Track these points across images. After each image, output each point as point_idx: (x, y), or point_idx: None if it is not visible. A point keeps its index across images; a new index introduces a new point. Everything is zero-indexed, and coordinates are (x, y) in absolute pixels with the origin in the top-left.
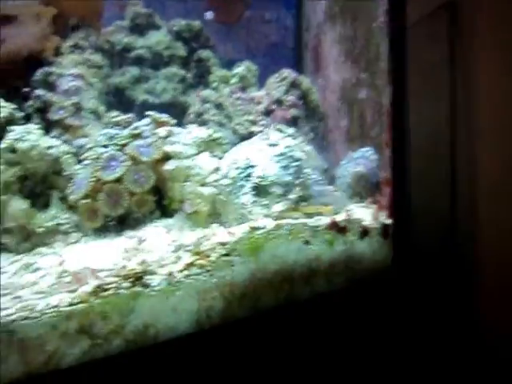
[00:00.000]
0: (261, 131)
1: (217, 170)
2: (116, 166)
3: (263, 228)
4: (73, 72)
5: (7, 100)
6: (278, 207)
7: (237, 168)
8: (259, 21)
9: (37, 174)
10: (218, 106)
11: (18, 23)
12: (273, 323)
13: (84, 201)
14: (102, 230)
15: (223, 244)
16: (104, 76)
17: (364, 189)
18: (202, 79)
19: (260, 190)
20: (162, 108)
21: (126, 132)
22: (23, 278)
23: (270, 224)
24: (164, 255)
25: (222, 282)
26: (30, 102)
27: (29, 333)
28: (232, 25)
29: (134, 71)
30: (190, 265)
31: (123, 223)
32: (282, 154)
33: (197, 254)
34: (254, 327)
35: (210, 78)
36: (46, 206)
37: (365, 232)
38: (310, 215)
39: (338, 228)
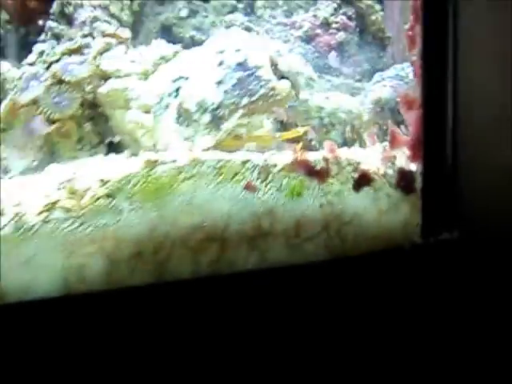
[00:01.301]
0: None
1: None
2: (36, 86)
3: (170, 162)
4: (93, 3)
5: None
6: (204, 142)
7: (165, 81)
8: None
9: None
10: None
11: None
12: (187, 297)
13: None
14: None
15: (104, 181)
16: (137, 9)
17: (386, 123)
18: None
19: (181, 116)
20: None
21: (61, 47)
22: None
23: (181, 157)
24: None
25: (101, 233)
26: (42, 36)
27: None
28: None
29: (181, 5)
30: (52, 206)
31: (52, 156)
32: (221, 63)
33: (73, 193)
34: (155, 300)
35: (256, 3)
36: None
37: (363, 179)
38: (263, 146)
39: (310, 170)
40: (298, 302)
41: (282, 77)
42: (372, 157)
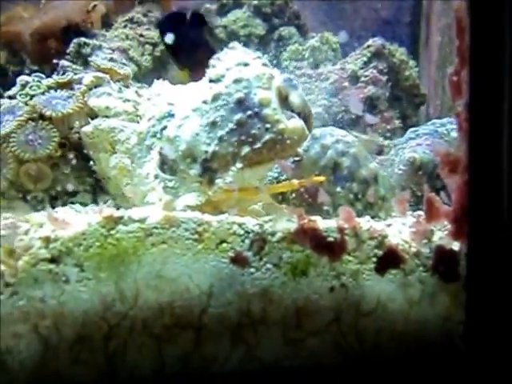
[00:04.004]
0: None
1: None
2: (10, 121)
3: (136, 221)
4: (112, 45)
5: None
6: (188, 199)
7: (149, 118)
8: None
9: None
10: None
11: None
12: None
13: None
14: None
15: (46, 240)
16: (159, 54)
17: (421, 187)
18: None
19: (165, 162)
20: None
21: (48, 80)
22: None
23: (152, 216)
24: None
25: (38, 308)
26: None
27: None
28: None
29: None
30: None
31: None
32: (216, 99)
33: (10, 253)
34: None
35: (282, 55)
36: None
37: (389, 259)
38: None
39: (321, 243)
40: None
41: (292, 114)
42: (402, 230)
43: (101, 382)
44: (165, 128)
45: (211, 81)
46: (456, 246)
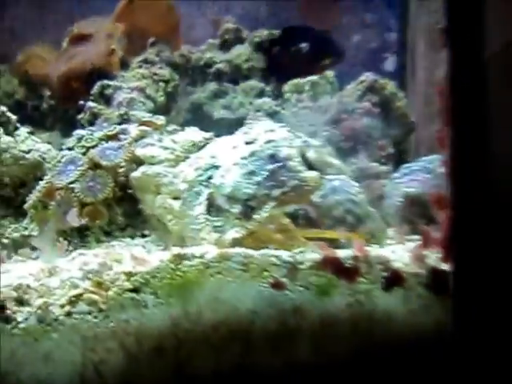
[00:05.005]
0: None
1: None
2: (73, 170)
3: (197, 257)
4: (131, 85)
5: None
6: (234, 234)
7: (196, 168)
8: (359, 25)
9: (13, 179)
10: (272, 115)
11: (91, 41)
12: None
13: (34, 209)
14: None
15: (129, 275)
16: (171, 90)
17: (419, 217)
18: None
19: (212, 205)
20: (237, 123)
21: (99, 133)
22: None
23: (209, 252)
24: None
25: (124, 328)
26: (82, 115)
27: None
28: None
29: (211, 86)
30: (77, 298)
31: (82, 239)
32: (252, 155)
33: (98, 284)
34: None
35: (284, 88)
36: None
37: (394, 280)
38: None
39: (340, 269)
40: None
41: (310, 167)
42: (403, 255)
43: (172, 382)
44: (210, 177)
45: (247, 143)
46: (445, 267)
